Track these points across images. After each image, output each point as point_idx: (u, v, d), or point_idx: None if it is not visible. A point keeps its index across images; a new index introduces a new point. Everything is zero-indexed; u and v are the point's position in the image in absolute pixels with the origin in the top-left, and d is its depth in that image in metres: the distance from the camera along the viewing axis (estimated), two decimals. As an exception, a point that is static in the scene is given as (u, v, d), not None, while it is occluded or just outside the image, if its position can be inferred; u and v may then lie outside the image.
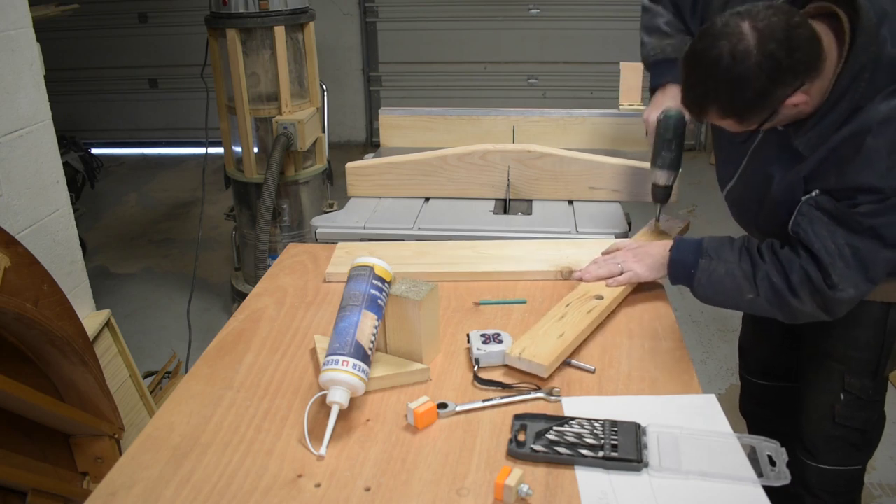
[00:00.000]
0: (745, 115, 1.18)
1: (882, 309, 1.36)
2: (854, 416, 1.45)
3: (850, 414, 1.45)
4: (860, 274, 1.19)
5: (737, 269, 1.27)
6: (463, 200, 1.88)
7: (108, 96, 6.00)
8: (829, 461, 1.49)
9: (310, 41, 2.90)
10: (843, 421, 1.45)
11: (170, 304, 3.47)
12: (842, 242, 1.18)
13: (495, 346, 1.18)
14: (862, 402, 1.44)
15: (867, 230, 1.17)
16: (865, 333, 1.39)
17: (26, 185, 1.88)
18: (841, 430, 1.46)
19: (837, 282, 1.19)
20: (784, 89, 1.13)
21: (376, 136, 5.67)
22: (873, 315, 1.37)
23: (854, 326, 1.39)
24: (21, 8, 1.85)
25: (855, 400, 1.43)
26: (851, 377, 1.42)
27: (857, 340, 1.40)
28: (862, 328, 1.39)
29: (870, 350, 1.40)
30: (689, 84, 1.20)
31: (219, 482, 0.93)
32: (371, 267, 1.14)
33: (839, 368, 1.43)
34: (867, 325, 1.38)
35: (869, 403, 1.45)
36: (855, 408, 1.44)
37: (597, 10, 5.37)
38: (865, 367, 1.41)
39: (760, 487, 0.91)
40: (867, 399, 1.44)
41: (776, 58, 1.09)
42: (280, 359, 1.21)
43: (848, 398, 1.44)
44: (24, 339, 1.55)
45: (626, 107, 2.18)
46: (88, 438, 1.71)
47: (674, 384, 1.12)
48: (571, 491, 0.91)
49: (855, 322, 1.38)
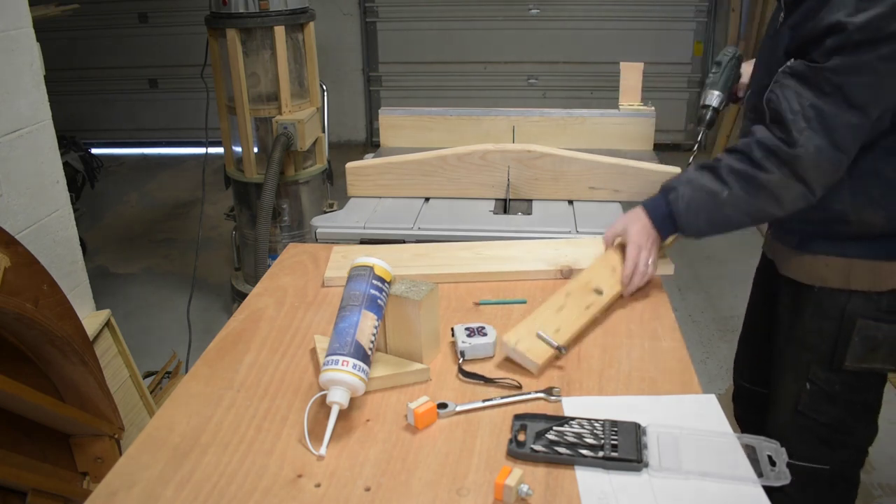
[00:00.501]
0: None
1: (845, 297, 1.35)
2: (819, 408, 1.42)
3: (815, 406, 1.42)
4: (824, 137, 1.18)
5: (701, 179, 1.30)
6: (463, 200, 1.88)
7: (108, 96, 6.00)
8: (795, 455, 1.42)
9: (310, 41, 2.90)
10: (806, 411, 1.43)
11: (170, 304, 3.47)
12: (806, 103, 1.18)
13: (480, 338, 1.18)
14: (827, 395, 1.41)
15: (834, 90, 1.16)
16: (828, 323, 1.37)
17: (26, 185, 1.88)
18: (805, 421, 1.43)
19: (797, 137, 1.19)
20: None
21: (376, 136, 5.67)
22: (837, 304, 1.35)
23: (821, 316, 1.38)
24: (21, 8, 1.85)
25: (819, 391, 1.41)
26: (816, 367, 1.40)
27: (822, 330, 1.38)
28: (825, 317, 1.37)
29: (831, 340, 1.38)
30: None
31: (219, 482, 0.93)
32: (371, 267, 1.14)
33: (806, 358, 1.42)
34: (830, 315, 1.37)
35: (835, 398, 1.41)
36: (820, 399, 1.41)
37: (597, 10, 5.37)
38: (828, 358, 1.39)
39: (760, 487, 0.91)
40: (832, 392, 1.40)
41: None
42: (280, 359, 1.21)
43: (813, 388, 1.41)
44: (24, 339, 1.55)
45: (626, 107, 2.18)
46: (88, 438, 1.71)
47: (674, 384, 1.12)
48: (571, 491, 0.91)
49: (822, 311, 1.37)
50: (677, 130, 5.57)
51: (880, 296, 1.33)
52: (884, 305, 1.33)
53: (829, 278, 1.36)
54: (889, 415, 2.42)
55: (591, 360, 1.19)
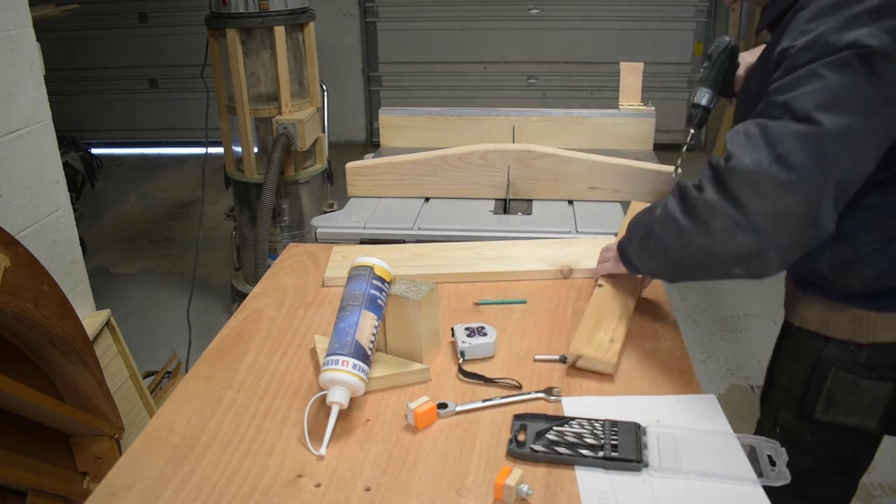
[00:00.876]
0: None
1: (821, 342, 1.22)
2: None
3: None
4: (765, 148, 0.97)
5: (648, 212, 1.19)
6: (463, 200, 1.88)
7: (108, 96, 6.00)
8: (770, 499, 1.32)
9: (310, 41, 2.90)
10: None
11: (170, 304, 3.47)
12: (752, 125, 1.01)
13: (480, 338, 1.18)
14: (795, 444, 1.26)
15: (781, 110, 0.99)
16: (801, 367, 1.26)
17: (26, 185, 1.88)
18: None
19: (731, 150, 1.01)
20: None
21: (376, 136, 5.67)
22: (812, 348, 1.24)
23: (794, 358, 1.28)
24: (21, 8, 1.85)
25: (786, 438, 1.27)
26: (785, 412, 1.31)
27: (795, 373, 1.28)
28: (800, 361, 1.27)
29: (801, 385, 1.26)
30: None
31: (219, 482, 0.93)
32: (371, 267, 1.14)
33: (778, 399, 1.33)
34: (804, 359, 1.26)
35: (805, 449, 1.28)
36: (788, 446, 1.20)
37: (597, 10, 5.37)
38: (795, 403, 1.28)
39: (760, 487, 0.91)
40: (801, 442, 1.28)
41: None
42: (280, 359, 1.21)
43: (780, 433, 1.31)
44: (24, 339, 1.55)
45: (626, 107, 2.18)
46: (88, 438, 1.71)
47: (674, 384, 1.12)
48: (571, 491, 0.91)
49: (797, 353, 1.28)
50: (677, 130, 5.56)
51: (859, 348, 1.19)
52: (862, 359, 1.19)
53: (808, 319, 1.25)
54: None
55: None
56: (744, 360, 2.90)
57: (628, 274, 1.31)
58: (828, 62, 0.97)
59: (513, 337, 1.25)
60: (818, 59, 0.98)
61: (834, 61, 0.97)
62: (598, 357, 1.13)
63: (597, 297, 1.30)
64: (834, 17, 0.99)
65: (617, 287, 1.34)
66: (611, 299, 1.29)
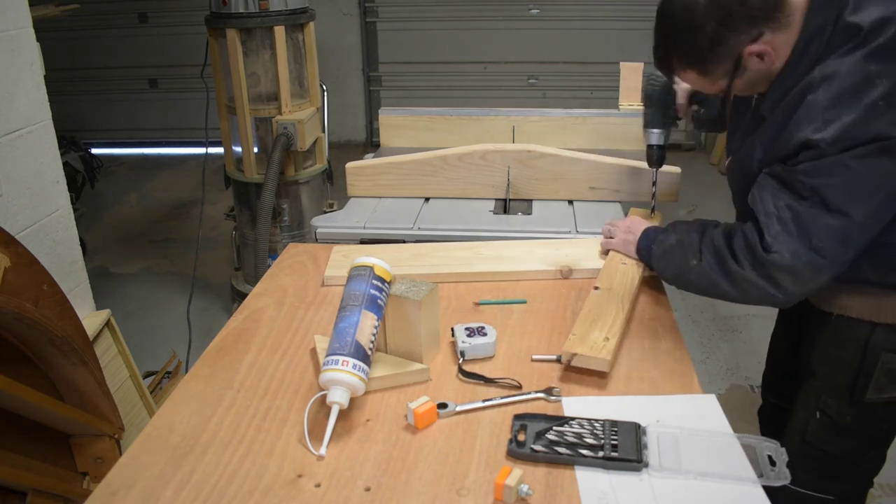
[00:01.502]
0: (705, 66, 1.19)
1: (868, 328, 1.28)
2: (827, 439, 1.37)
3: (823, 436, 1.37)
4: (800, 240, 1.13)
5: (685, 237, 1.30)
6: (463, 200, 1.88)
7: (108, 96, 6.00)
8: (798, 482, 1.39)
9: (310, 41, 2.90)
10: (813, 441, 1.38)
11: (170, 304, 3.47)
12: (782, 205, 1.15)
13: (480, 338, 1.18)
14: (837, 427, 1.35)
15: (811, 193, 1.12)
16: (847, 354, 1.31)
17: (26, 185, 1.88)
18: (812, 451, 1.39)
19: (771, 243, 1.15)
20: (739, 37, 1.14)
21: (376, 136, 5.67)
22: (858, 334, 1.30)
23: (837, 345, 1.33)
24: (21, 8, 1.85)
25: (829, 422, 1.36)
26: (829, 397, 1.35)
27: (838, 360, 1.33)
28: (845, 348, 1.32)
29: (850, 371, 1.32)
30: (655, 43, 1.25)
31: (219, 482, 0.93)
32: (371, 267, 1.14)
33: (817, 386, 1.37)
34: (850, 345, 1.31)
35: (847, 430, 1.35)
36: (829, 430, 1.37)
37: (597, 10, 5.37)
38: (843, 389, 1.33)
39: (760, 487, 0.91)
40: (843, 424, 1.35)
41: (724, 4, 1.12)
42: (280, 359, 1.21)
43: (823, 419, 1.36)
44: (24, 339, 1.55)
45: (626, 107, 2.18)
46: (88, 438, 1.71)
47: (674, 384, 1.12)
48: (571, 491, 0.91)
49: (839, 341, 1.33)
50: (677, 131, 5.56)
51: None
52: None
53: (848, 306, 1.30)
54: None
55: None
56: (744, 360, 2.90)
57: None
58: (856, 154, 1.09)
59: (513, 337, 1.25)
60: (846, 150, 1.09)
61: (861, 154, 1.08)
62: (593, 355, 1.12)
63: (593, 299, 1.30)
64: (853, 106, 1.08)
65: (615, 281, 1.35)
66: (606, 301, 1.29)
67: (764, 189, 1.19)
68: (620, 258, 1.45)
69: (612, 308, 1.27)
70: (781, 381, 1.68)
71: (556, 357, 1.17)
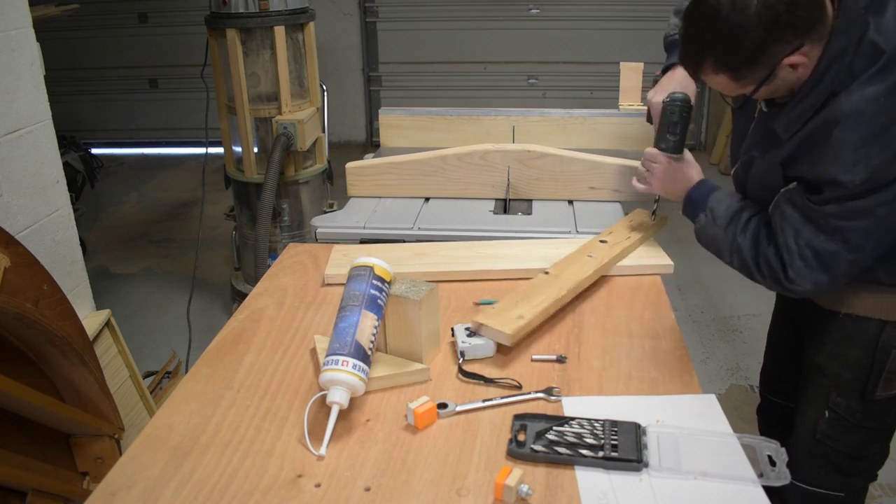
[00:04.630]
0: (741, 71, 1.14)
1: (877, 326, 1.30)
2: (838, 436, 1.38)
3: (833, 434, 1.39)
4: (821, 272, 1.19)
5: (721, 235, 1.33)
6: (463, 200, 1.88)
7: (108, 96, 6.00)
8: (809, 480, 1.43)
9: (310, 41, 2.90)
10: (824, 439, 1.39)
11: (170, 304, 3.47)
12: (803, 243, 1.19)
13: (480, 338, 1.18)
14: (847, 424, 1.37)
15: (833, 232, 1.16)
16: (856, 352, 1.33)
17: (26, 185, 1.88)
18: (823, 449, 1.40)
19: (794, 277, 1.21)
20: (782, 46, 1.10)
21: (376, 136, 5.67)
22: (867, 333, 1.31)
23: (846, 344, 1.34)
24: (21, 8, 1.85)
25: (839, 420, 1.37)
26: (838, 395, 1.37)
27: (847, 358, 1.34)
28: (854, 346, 1.33)
29: (859, 370, 1.33)
30: (687, 35, 1.19)
31: (219, 482, 0.93)
32: (371, 267, 1.14)
33: (826, 385, 1.38)
34: (859, 344, 1.32)
35: (856, 427, 1.37)
36: (839, 428, 1.38)
37: (597, 10, 5.37)
38: (853, 386, 1.35)
39: (760, 487, 0.91)
40: (853, 421, 1.37)
41: (776, 11, 1.07)
42: (280, 359, 1.21)
43: (832, 416, 1.38)
44: (24, 339, 1.55)
45: (626, 107, 2.18)
46: (88, 438, 1.71)
47: (674, 384, 1.12)
48: (571, 491, 0.91)
49: (848, 339, 1.34)
50: (677, 130, 5.56)
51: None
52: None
53: (856, 305, 1.31)
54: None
55: (591, 360, 1.19)
56: (744, 360, 2.90)
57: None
58: (881, 199, 1.12)
59: (513, 337, 1.25)
60: (873, 190, 1.12)
61: (886, 199, 1.12)
62: (499, 328, 1.16)
63: (535, 281, 1.33)
64: (882, 147, 1.10)
65: (567, 269, 1.38)
66: (545, 286, 1.31)
67: (785, 218, 1.22)
68: (588, 250, 1.46)
69: (545, 292, 1.29)
70: (781, 378, 1.68)
71: (556, 357, 1.18)
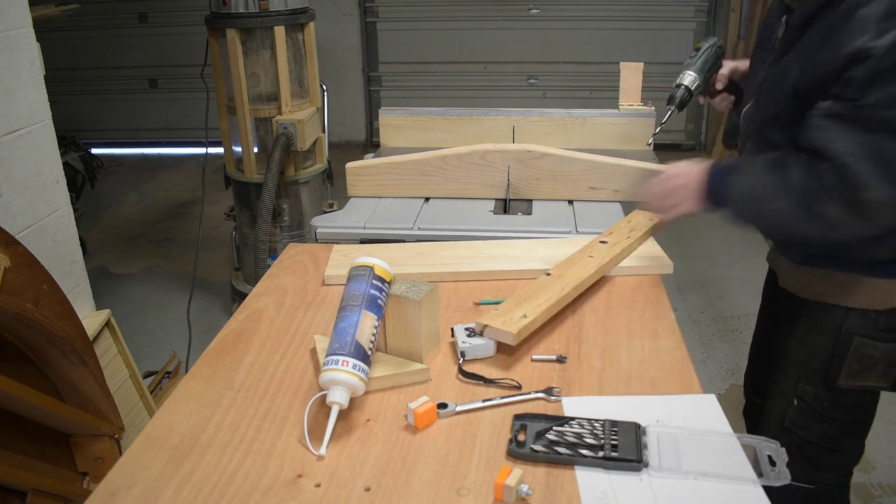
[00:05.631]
0: None
1: (842, 314, 1.30)
2: (807, 425, 1.38)
3: (801, 423, 1.38)
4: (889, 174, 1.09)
5: (764, 175, 1.21)
6: (463, 200, 1.88)
7: (108, 96, 6.00)
8: None
9: (310, 41, 2.90)
10: (793, 428, 1.39)
11: (170, 304, 3.47)
12: (863, 142, 1.09)
13: (480, 338, 1.18)
14: (815, 413, 1.37)
15: (882, 125, 1.08)
16: (822, 339, 1.33)
17: (26, 185, 1.88)
18: (792, 438, 1.38)
19: (867, 179, 1.09)
20: None
21: (376, 136, 5.67)
22: (833, 320, 1.31)
23: (813, 331, 1.35)
24: (21, 8, 1.85)
25: (807, 408, 1.37)
26: (806, 383, 1.37)
27: (815, 345, 1.34)
28: (820, 333, 1.33)
29: (825, 357, 1.33)
30: None
31: (219, 482, 0.93)
32: (371, 267, 1.14)
33: (795, 373, 1.38)
34: (825, 331, 1.33)
35: (824, 416, 1.36)
36: (808, 417, 1.38)
37: (597, 10, 5.37)
38: (818, 374, 1.35)
39: (760, 487, 0.91)
40: (820, 410, 1.36)
41: None
42: (280, 359, 1.21)
43: (801, 405, 1.37)
44: (24, 339, 1.55)
45: (626, 107, 2.18)
46: (88, 438, 1.71)
47: (674, 384, 1.12)
48: (571, 491, 0.90)
49: (815, 326, 1.34)
50: (677, 130, 5.57)
51: (878, 314, 1.29)
52: (881, 324, 1.29)
53: (826, 293, 1.33)
54: (889, 414, 2.42)
55: (591, 360, 1.18)
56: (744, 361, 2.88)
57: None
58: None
59: (513, 337, 1.25)
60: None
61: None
62: (503, 328, 1.16)
63: (537, 282, 1.33)
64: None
65: (569, 270, 1.37)
66: (547, 286, 1.31)
67: (828, 129, 1.12)
68: (589, 251, 1.44)
69: (548, 292, 1.29)
70: (761, 377, 1.68)
71: (557, 357, 1.18)
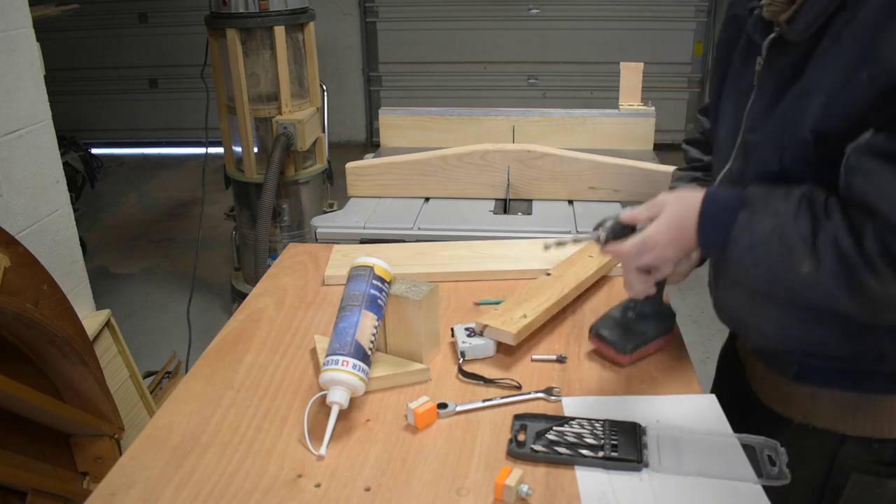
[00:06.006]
0: None
1: (836, 441, 1.03)
2: None
3: None
4: None
5: (790, 227, 0.87)
6: (463, 200, 1.88)
7: (108, 96, 6.01)
8: None
9: (310, 41, 2.90)
10: None
11: (170, 304, 3.47)
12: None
13: (480, 339, 1.18)
14: None
15: None
16: (807, 472, 1.04)
17: (26, 185, 1.88)
18: None
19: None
20: None
21: (376, 136, 5.67)
22: (822, 449, 1.04)
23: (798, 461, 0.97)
24: (21, 8, 1.85)
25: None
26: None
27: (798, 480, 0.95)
28: (804, 465, 1.02)
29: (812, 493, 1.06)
30: None
31: (219, 482, 0.93)
32: (371, 267, 1.14)
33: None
34: (812, 462, 1.05)
35: None
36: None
37: (597, 10, 5.38)
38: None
39: (760, 487, 0.90)
40: None
41: None
42: (280, 359, 1.21)
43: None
44: (24, 339, 1.55)
45: (626, 107, 2.18)
46: (88, 438, 1.71)
47: (674, 384, 1.12)
48: (571, 491, 0.90)
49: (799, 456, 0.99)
50: (677, 130, 5.57)
51: (883, 444, 1.01)
52: (887, 457, 1.01)
53: (813, 415, 1.05)
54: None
55: (591, 360, 1.18)
56: (744, 360, 2.90)
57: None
58: None
59: (513, 337, 1.25)
60: None
61: None
62: (503, 328, 1.16)
63: (536, 282, 1.33)
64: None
65: (569, 270, 1.36)
66: (547, 287, 1.31)
67: (873, 174, 0.82)
68: (589, 251, 1.42)
69: (547, 293, 1.29)
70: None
71: (557, 357, 1.18)
